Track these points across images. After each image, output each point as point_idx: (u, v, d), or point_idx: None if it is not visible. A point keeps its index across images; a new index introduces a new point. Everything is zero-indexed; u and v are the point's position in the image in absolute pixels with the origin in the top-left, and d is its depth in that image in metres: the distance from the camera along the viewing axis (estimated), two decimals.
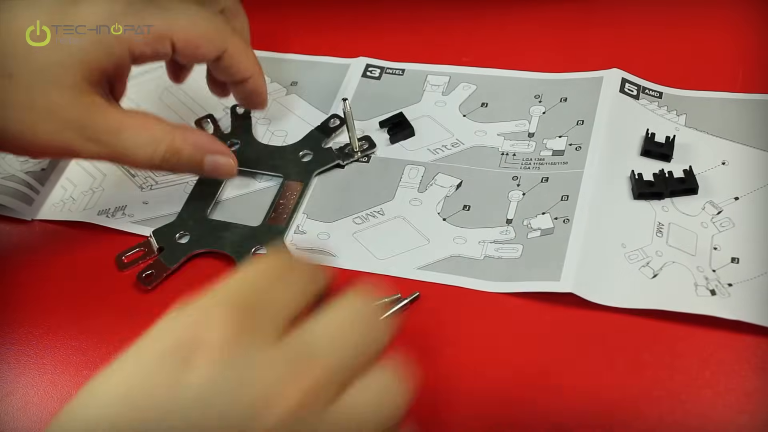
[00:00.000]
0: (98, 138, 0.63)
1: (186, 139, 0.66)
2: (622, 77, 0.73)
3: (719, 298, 0.60)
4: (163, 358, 0.41)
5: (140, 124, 0.64)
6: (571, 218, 0.65)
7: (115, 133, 0.63)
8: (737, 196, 0.65)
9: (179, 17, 0.65)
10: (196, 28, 0.65)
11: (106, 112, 0.63)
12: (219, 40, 0.66)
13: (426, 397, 0.58)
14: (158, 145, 0.64)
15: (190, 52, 0.66)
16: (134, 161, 0.65)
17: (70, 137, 0.62)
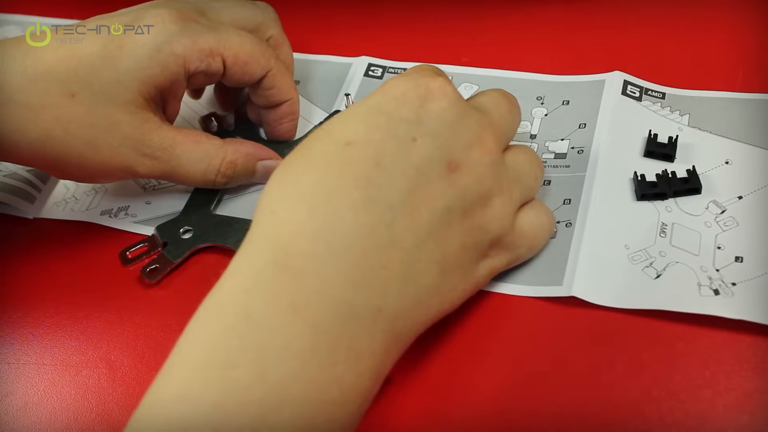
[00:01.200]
0: (153, 154, 0.66)
1: (237, 150, 0.69)
2: (624, 80, 0.73)
3: (723, 297, 0.60)
4: (405, 97, 0.54)
5: (193, 140, 0.67)
6: (574, 222, 0.65)
7: (168, 150, 0.66)
8: (741, 196, 0.65)
9: (230, 37, 0.67)
10: (245, 48, 0.67)
11: (160, 129, 0.66)
12: (264, 61, 0.68)
13: (426, 397, 0.58)
14: (212, 160, 0.68)
15: (238, 69, 0.67)
16: (188, 177, 0.68)
17: (126, 153, 0.65)
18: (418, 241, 0.51)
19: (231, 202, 0.72)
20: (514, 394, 0.58)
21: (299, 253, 0.48)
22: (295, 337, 0.47)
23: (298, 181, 0.51)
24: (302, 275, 0.48)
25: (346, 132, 0.52)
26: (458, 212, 0.53)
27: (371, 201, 0.50)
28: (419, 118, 0.53)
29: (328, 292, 0.48)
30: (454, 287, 0.55)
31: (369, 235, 0.49)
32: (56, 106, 0.62)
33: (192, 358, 0.47)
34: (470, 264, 0.56)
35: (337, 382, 0.47)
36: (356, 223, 0.49)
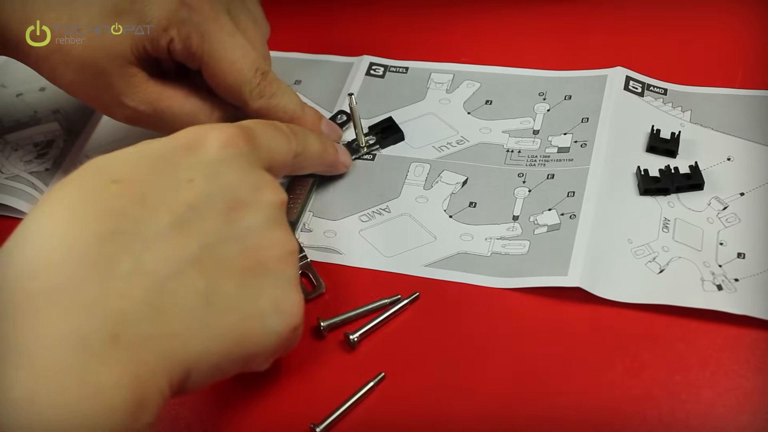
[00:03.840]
0: (137, 107, 0.67)
1: (228, 109, 0.69)
2: (626, 75, 0.74)
3: (726, 293, 0.60)
4: (175, 145, 0.53)
5: (182, 95, 0.68)
6: (578, 214, 0.65)
7: (153, 104, 0.67)
8: (743, 192, 0.65)
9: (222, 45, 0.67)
10: (230, 61, 0.67)
11: (146, 84, 0.66)
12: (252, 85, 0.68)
13: (426, 397, 0.58)
14: (198, 115, 0.68)
15: (211, 75, 0.67)
16: (172, 132, 0.67)
17: (109, 99, 0.67)
18: (173, 271, 0.48)
19: None
20: (514, 394, 0.58)
21: (18, 292, 0.45)
22: (14, 384, 0.42)
23: (52, 211, 0.48)
24: (18, 315, 0.44)
25: (116, 170, 0.51)
26: (236, 250, 0.52)
27: (121, 232, 0.47)
28: (200, 161, 0.53)
29: (52, 326, 0.44)
30: (231, 329, 0.50)
31: (108, 265, 0.46)
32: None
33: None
34: (254, 309, 0.52)
35: (78, 419, 0.43)
36: (97, 252, 0.46)
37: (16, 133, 0.79)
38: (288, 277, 0.54)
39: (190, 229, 0.50)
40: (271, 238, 0.53)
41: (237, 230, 0.52)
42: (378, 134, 0.74)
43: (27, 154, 0.77)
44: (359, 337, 0.61)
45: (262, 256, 0.52)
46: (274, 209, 0.54)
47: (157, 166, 0.51)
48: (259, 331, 0.52)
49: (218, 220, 0.51)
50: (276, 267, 0.53)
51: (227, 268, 0.51)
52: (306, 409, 0.58)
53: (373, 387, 0.58)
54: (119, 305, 0.46)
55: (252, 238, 0.52)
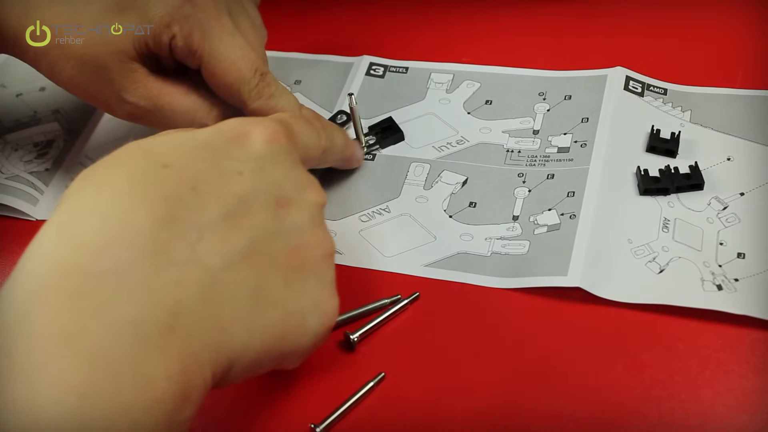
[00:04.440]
0: (136, 102, 0.66)
1: (228, 107, 0.69)
2: (626, 75, 0.74)
3: (726, 293, 0.60)
4: (221, 137, 0.53)
5: (182, 92, 0.67)
6: (578, 214, 0.65)
7: (153, 99, 0.66)
8: (743, 192, 0.65)
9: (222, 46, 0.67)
10: (229, 60, 0.67)
11: (146, 80, 0.66)
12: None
13: (426, 397, 0.58)
14: (197, 112, 0.68)
15: (212, 78, 0.67)
16: (171, 127, 0.66)
17: (109, 95, 0.66)
18: (226, 264, 0.48)
19: None
20: (514, 394, 0.58)
21: (77, 271, 0.44)
22: (66, 371, 0.42)
23: (99, 192, 0.48)
24: (77, 297, 0.44)
25: (166, 155, 0.50)
26: (283, 246, 0.52)
27: (176, 219, 0.47)
28: (248, 155, 0.53)
29: (107, 313, 0.44)
30: (273, 324, 0.50)
31: (164, 251, 0.46)
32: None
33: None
34: (296, 307, 0.52)
35: (125, 411, 0.43)
36: (153, 238, 0.46)
37: (16, 133, 0.79)
38: (329, 278, 0.54)
39: (241, 221, 0.50)
40: (314, 237, 0.54)
41: (283, 227, 0.52)
42: (378, 134, 0.74)
43: (27, 154, 0.77)
44: (359, 337, 0.61)
45: (306, 254, 0.53)
46: (317, 209, 0.55)
47: (206, 156, 0.51)
48: (300, 328, 0.52)
49: (266, 215, 0.51)
50: (318, 267, 0.53)
51: (274, 264, 0.51)
52: (306, 409, 0.58)
53: (373, 387, 0.59)
54: (175, 295, 0.46)
55: (297, 236, 0.53)
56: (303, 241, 0.53)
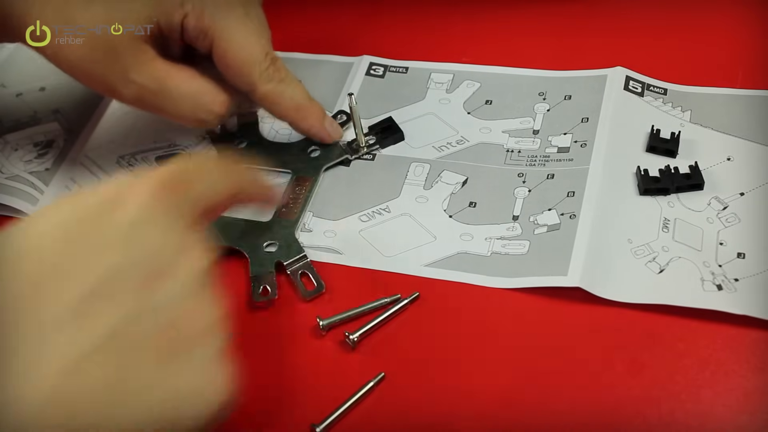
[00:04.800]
0: (143, 83, 0.66)
1: (233, 92, 0.69)
2: (626, 75, 0.74)
3: (726, 293, 0.60)
4: (95, 204, 0.48)
5: (187, 76, 0.67)
6: (578, 214, 0.65)
7: (159, 81, 0.66)
8: (743, 192, 0.66)
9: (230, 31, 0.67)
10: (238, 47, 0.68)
11: (154, 61, 0.66)
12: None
13: (426, 397, 0.58)
14: (203, 96, 0.67)
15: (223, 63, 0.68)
16: (177, 111, 0.68)
17: (116, 74, 0.66)
18: (83, 356, 0.44)
19: None
20: (514, 394, 0.58)
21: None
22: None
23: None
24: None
25: (27, 236, 0.47)
26: (152, 327, 0.46)
27: (30, 311, 0.44)
28: (118, 225, 0.48)
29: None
30: (142, 414, 0.46)
31: (16, 350, 0.43)
32: None
33: None
34: (169, 393, 0.47)
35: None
36: (3, 346, 0.43)
37: (16, 133, 0.79)
38: (211, 351, 0.49)
39: (101, 307, 0.45)
40: (191, 309, 0.48)
41: (153, 303, 0.47)
42: (378, 134, 0.74)
43: (27, 154, 0.77)
44: (359, 337, 0.61)
45: (182, 330, 0.47)
46: (196, 276, 0.49)
47: (69, 233, 0.47)
48: (178, 415, 0.47)
49: (131, 295, 0.46)
50: (197, 341, 0.48)
51: (141, 349, 0.46)
52: (306, 409, 0.58)
53: (373, 387, 0.59)
54: (23, 395, 0.42)
55: (169, 311, 0.47)
56: (177, 316, 0.47)
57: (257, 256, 0.67)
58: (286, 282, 0.66)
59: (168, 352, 0.46)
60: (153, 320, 0.46)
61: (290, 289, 0.65)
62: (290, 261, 0.66)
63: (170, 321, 0.47)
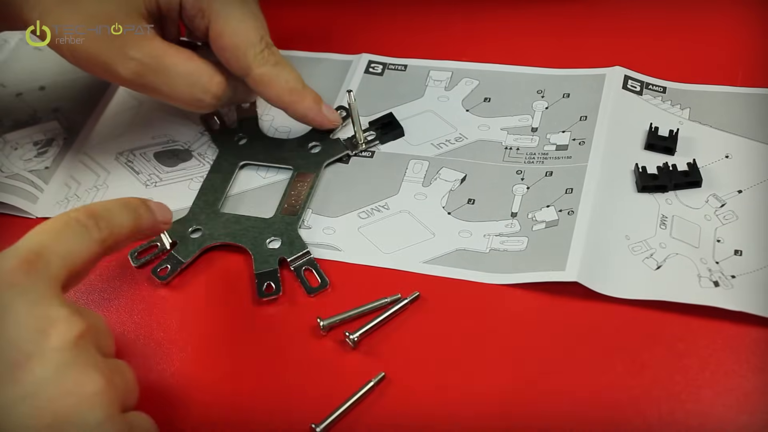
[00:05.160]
0: (141, 60, 0.67)
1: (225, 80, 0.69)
2: (624, 74, 0.74)
3: (723, 289, 0.60)
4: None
5: (185, 56, 0.68)
6: (576, 210, 0.65)
7: (157, 59, 0.67)
8: (740, 189, 0.66)
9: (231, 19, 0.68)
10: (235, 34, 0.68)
11: (153, 39, 0.67)
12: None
13: (426, 396, 0.59)
14: (200, 77, 0.68)
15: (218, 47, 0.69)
16: (174, 91, 0.68)
17: (114, 51, 0.66)
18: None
19: (237, 200, 0.72)
20: (514, 394, 0.58)
21: None
22: None
23: None
24: None
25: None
26: (30, 411, 0.46)
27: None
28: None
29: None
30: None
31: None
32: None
33: None
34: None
35: None
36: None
37: (15, 132, 0.79)
38: (95, 421, 0.48)
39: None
40: (65, 386, 0.47)
41: (26, 390, 0.46)
42: (378, 130, 0.74)
43: (27, 152, 0.77)
44: (359, 336, 0.61)
45: (59, 408, 0.47)
46: (64, 352, 0.48)
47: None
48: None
49: (3, 385, 0.46)
50: (77, 416, 0.47)
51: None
52: (306, 409, 0.58)
53: (373, 387, 0.59)
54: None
55: (44, 392, 0.47)
56: (52, 394, 0.47)
57: (260, 253, 0.67)
58: (288, 278, 0.66)
59: (51, 428, 0.46)
60: (26, 407, 0.46)
61: (290, 286, 0.66)
62: (293, 257, 0.67)
63: (42, 406, 0.46)
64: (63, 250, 0.52)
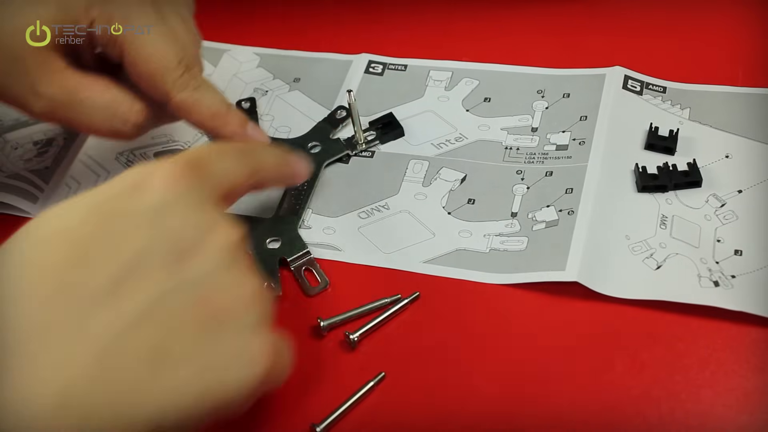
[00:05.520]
0: (52, 96, 0.63)
1: (145, 108, 0.66)
2: (624, 74, 0.74)
3: (723, 289, 0.60)
4: (119, 190, 0.49)
5: (101, 87, 0.64)
6: (576, 210, 0.65)
7: (70, 94, 0.63)
8: (740, 189, 0.66)
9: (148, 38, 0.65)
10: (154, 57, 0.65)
11: (63, 72, 0.63)
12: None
13: (426, 396, 0.59)
14: (119, 107, 0.64)
15: (134, 71, 0.65)
16: (92, 124, 0.65)
17: (23, 87, 0.63)
18: (120, 332, 0.45)
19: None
20: (514, 394, 0.58)
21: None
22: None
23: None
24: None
25: (54, 224, 0.48)
26: (187, 301, 0.48)
27: (64, 293, 0.45)
28: (143, 208, 0.49)
29: (11, 396, 0.43)
30: (187, 384, 0.47)
31: (50, 330, 0.44)
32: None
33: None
34: (212, 361, 0.48)
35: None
36: (37, 319, 0.45)
37: (15, 132, 0.79)
38: (249, 322, 0.49)
39: (134, 285, 0.46)
40: (225, 282, 0.49)
41: (187, 279, 0.48)
42: (378, 129, 0.74)
43: (27, 152, 0.77)
44: (359, 336, 0.61)
45: (217, 303, 0.48)
46: (226, 251, 0.50)
47: (96, 218, 0.48)
48: (222, 383, 0.48)
49: (164, 271, 0.47)
50: (235, 313, 0.49)
51: (179, 321, 0.47)
52: (306, 409, 0.58)
53: (373, 387, 0.59)
54: (63, 372, 0.44)
55: (204, 285, 0.48)
56: (211, 289, 0.48)
57: (260, 253, 0.67)
58: (288, 278, 0.66)
59: (205, 324, 0.48)
60: (187, 295, 0.47)
61: (290, 286, 0.66)
62: (294, 257, 0.67)
63: (204, 296, 0.48)
64: (221, 168, 0.54)
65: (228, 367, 0.48)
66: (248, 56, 0.83)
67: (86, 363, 0.44)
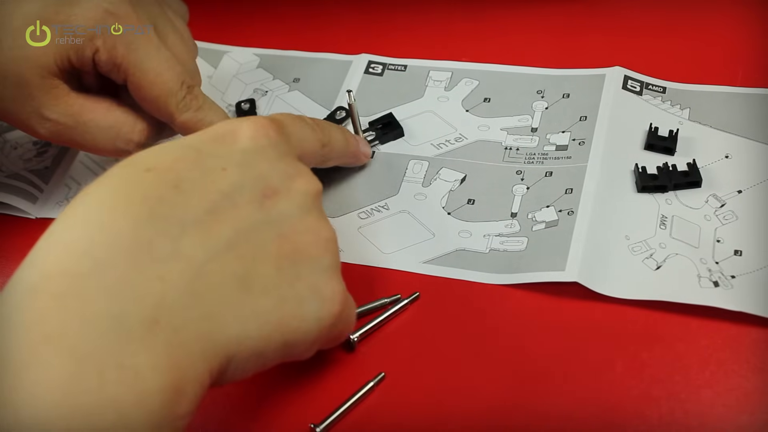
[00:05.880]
0: (58, 119, 0.66)
1: (152, 119, 0.69)
2: (624, 74, 0.74)
3: (722, 289, 0.60)
4: (209, 137, 0.54)
5: (104, 108, 0.67)
6: (576, 210, 0.65)
7: (75, 117, 0.66)
8: (740, 190, 0.66)
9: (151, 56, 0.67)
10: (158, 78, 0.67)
11: (67, 96, 0.66)
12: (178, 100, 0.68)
13: (426, 396, 0.59)
14: (122, 127, 0.68)
15: (138, 92, 0.67)
16: (96, 145, 0.68)
17: (30, 112, 0.65)
18: (211, 256, 0.49)
19: None
20: (514, 394, 0.58)
21: (61, 274, 0.46)
22: (49, 368, 0.43)
23: (85, 201, 0.49)
24: (61, 298, 0.45)
25: (149, 160, 0.51)
26: (272, 235, 0.52)
27: (158, 217, 0.48)
28: (233, 151, 0.54)
29: (90, 310, 0.45)
30: (267, 312, 0.50)
31: (146, 249, 0.47)
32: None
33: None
34: (291, 293, 0.52)
35: (111, 404, 0.43)
36: (133, 237, 0.47)
37: (15, 132, 0.79)
38: (326, 264, 0.54)
39: (225, 214, 0.50)
40: (306, 224, 0.54)
41: (271, 216, 0.52)
42: (378, 130, 0.74)
43: (26, 152, 0.77)
44: (359, 337, 0.61)
45: (298, 241, 0.53)
46: (307, 197, 0.55)
47: (189, 156, 0.52)
48: (298, 315, 0.52)
49: (252, 206, 0.52)
50: (313, 253, 0.53)
51: (263, 253, 0.51)
52: (306, 409, 0.58)
53: (373, 387, 0.59)
54: (157, 289, 0.46)
55: (287, 224, 0.53)
56: (294, 228, 0.53)
57: None
58: None
59: (285, 258, 0.52)
60: (271, 230, 0.52)
61: None
62: None
63: (286, 233, 0.53)
64: (299, 132, 0.60)
65: (304, 302, 0.52)
66: (248, 57, 0.83)
67: (179, 280, 0.47)
